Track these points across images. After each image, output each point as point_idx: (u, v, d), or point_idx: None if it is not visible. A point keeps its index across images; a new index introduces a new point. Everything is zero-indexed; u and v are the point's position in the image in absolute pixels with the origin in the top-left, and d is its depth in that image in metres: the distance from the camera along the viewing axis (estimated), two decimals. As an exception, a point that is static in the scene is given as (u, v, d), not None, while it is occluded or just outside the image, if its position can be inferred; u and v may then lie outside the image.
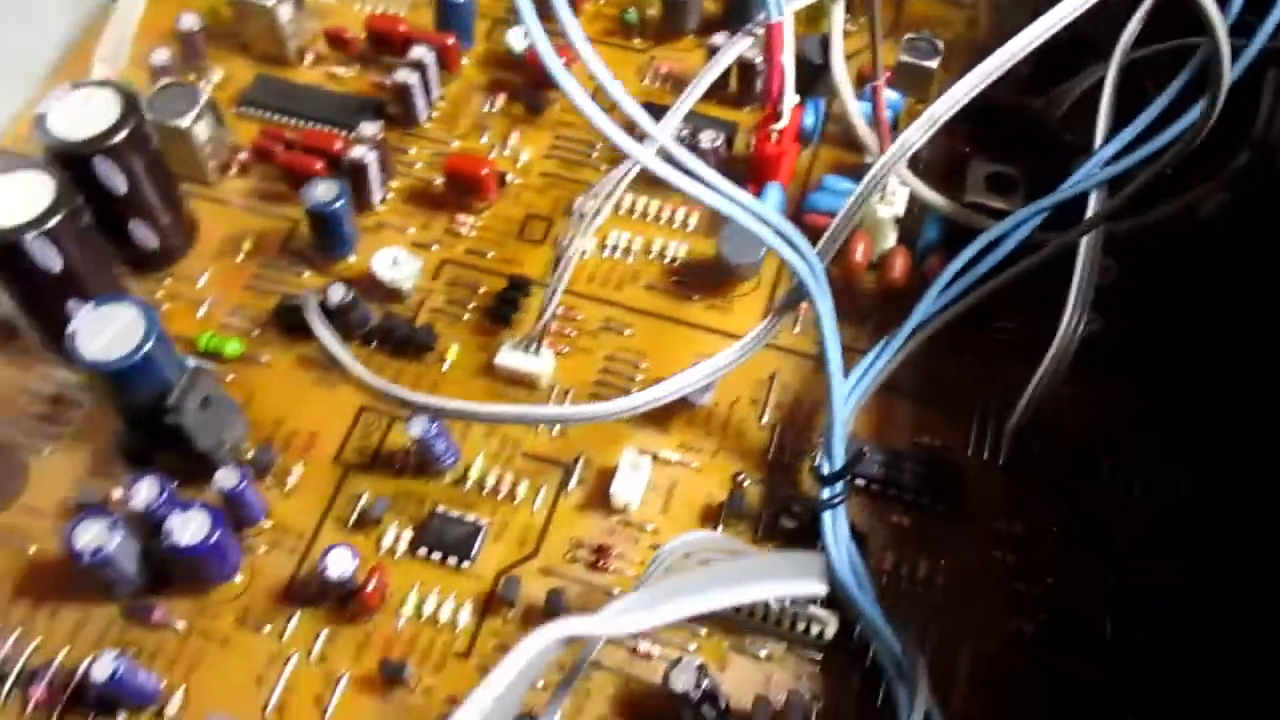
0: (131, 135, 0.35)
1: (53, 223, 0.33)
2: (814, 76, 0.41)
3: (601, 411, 0.33)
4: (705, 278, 0.39)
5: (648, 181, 0.38)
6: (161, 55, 0.42)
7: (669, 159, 0.29)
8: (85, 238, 0.34)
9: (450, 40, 0.43)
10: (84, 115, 0.35)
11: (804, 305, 0.36)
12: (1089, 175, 0.36)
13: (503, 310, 0.38)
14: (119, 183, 0.35)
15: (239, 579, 0.33)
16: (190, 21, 0.43)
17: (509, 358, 0.36)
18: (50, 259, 0.33)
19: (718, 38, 0.44)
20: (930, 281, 0.36)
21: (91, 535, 0.31)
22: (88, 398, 0.36)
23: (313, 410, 0.36)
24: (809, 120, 0.41)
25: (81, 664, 0.31)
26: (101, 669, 0.29)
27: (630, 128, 0.29)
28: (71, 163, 0.34)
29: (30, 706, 0.31)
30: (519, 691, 0.26)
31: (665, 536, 0.34)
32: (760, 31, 0.37)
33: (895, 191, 0.39)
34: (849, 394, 0.34)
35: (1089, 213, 0.36)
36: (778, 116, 0.39)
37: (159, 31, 0.45)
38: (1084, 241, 0.35)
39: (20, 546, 0.34)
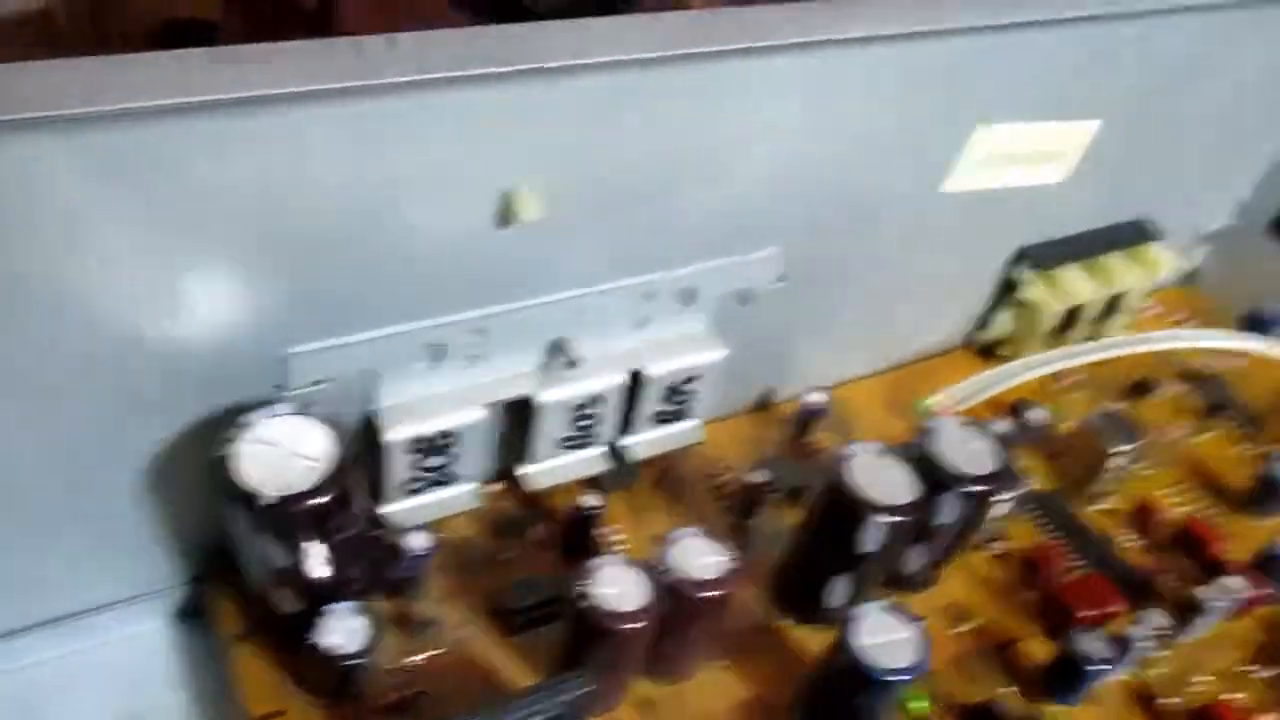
0: (985, 492, 0.37)
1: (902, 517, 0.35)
2: None
3: None
4: None
5: None
6: (1002, 425, 0.44)
7: None
8: (894, 540, 0.36)
9: (1260, 591, 0.41)
10: (962, 446, 0.37)
11: None
12: None
13: None
14: (950, 517, 0.37)
15: None
16: (1037, 416, 0.46)
17: None
18: (873, 540, 0.35)
19: None
20: None
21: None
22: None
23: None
24: None
25: None
26: None
27: None
28: (935, 482, 0.36)
29: None
30: None
31: None
32: None
33: None
34: None
35: None
36: None
37: (997, 402, 0.48)
38: None
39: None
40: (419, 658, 0.35)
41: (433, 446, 0.36)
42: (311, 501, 0.30)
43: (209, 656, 0.37)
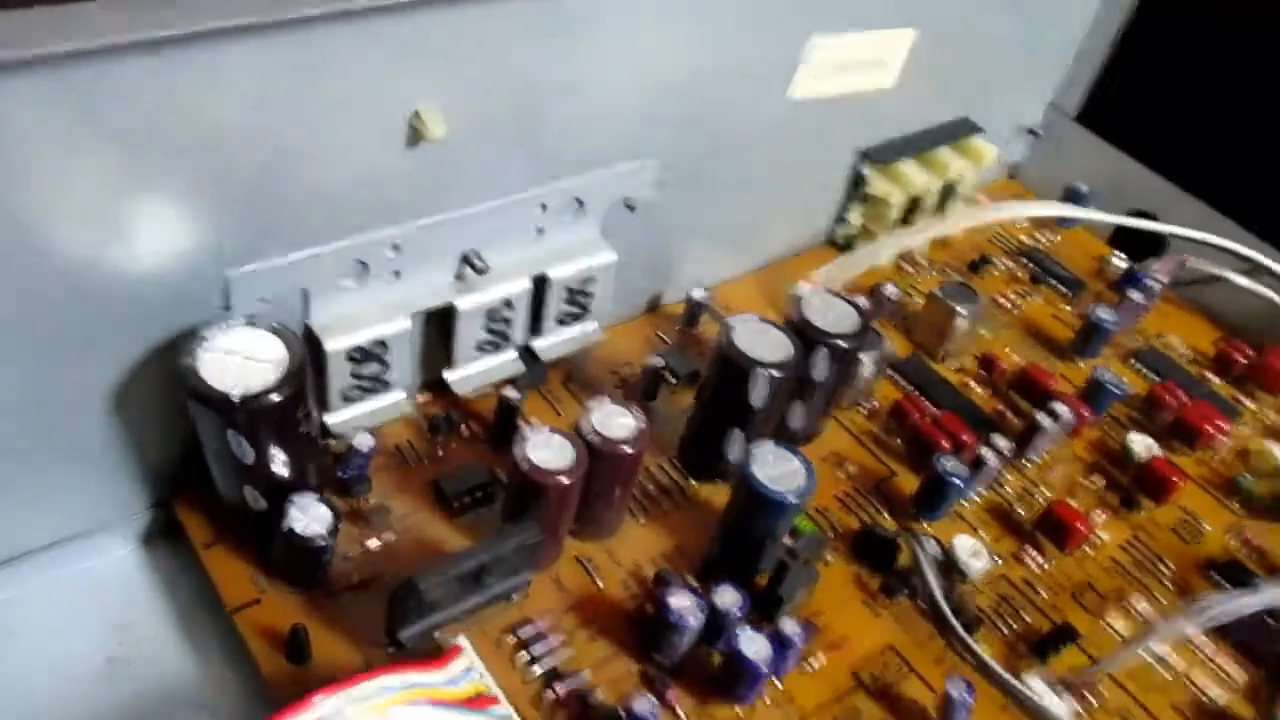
0: (851, 347, 0.43)
1: (783, 373, 0.40)
2: None
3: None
4: (1229, 730, 0.40)
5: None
6: (861, 300, 0.51)
7: None
8: (776, 395, 0.42)
9: (1085, 412, 0.49)
10: (827, 311, 0.43)
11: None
12: None
13: (1044, 646, 0.41)
14: (823, 372, 0.43)
15: (740, 709, 0.37)
16: (892, 291, 0.52)
17: (1038, 686, 0.39)
18: (760, 394, 0.41)
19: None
20: None
21: (682, 605, 0.36)
22: (688, 503, 0.43)
23: (851, 621, 0.41)
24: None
25: (595, 690, 0.36)
26: (642, 707, 0.34)
27: None
28: (807, 341, 0.42)
29: (549, 700, 0.36)
30: None
31: None
32: None
33: None
34: None
35: None
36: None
37: (857, 287, 0.54)
38: None
39: (609, 578, 0.40)
40: (374, 544, 0.40)
41: (367, 355, 0.40)
42: (273, 398, 0.34)
43: (182, 569, 0.40)
